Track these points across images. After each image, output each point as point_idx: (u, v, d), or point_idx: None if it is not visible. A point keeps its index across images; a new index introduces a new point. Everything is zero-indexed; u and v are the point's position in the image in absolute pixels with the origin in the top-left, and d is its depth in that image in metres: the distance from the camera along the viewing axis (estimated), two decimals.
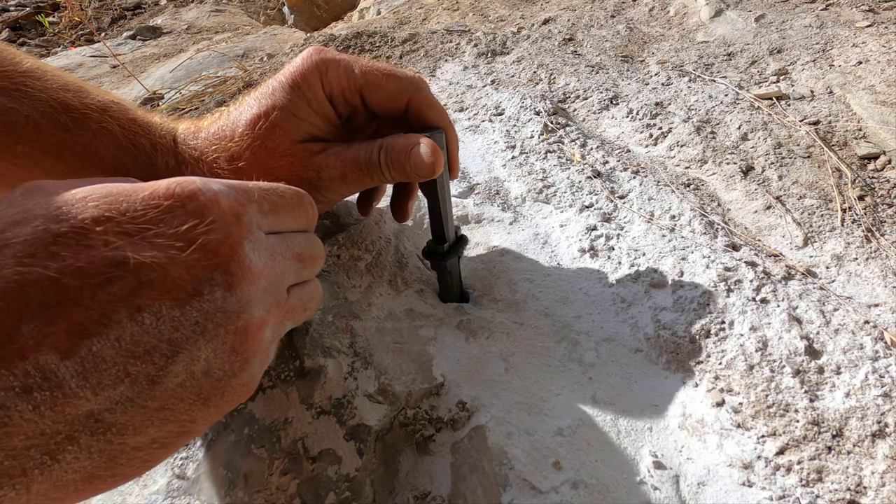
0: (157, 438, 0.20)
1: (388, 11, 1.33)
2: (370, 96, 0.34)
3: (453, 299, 0.44)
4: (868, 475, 0.31)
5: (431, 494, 0.32)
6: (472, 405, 0.35)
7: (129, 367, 0.19)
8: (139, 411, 0.19)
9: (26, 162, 0.31)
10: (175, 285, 0.20)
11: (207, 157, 0.34)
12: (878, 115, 0.62)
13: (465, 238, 0.42)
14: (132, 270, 0.19)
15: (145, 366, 0.19)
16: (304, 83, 0.33)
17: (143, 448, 0.20)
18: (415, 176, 0.33)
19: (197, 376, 0.21)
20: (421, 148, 0.32)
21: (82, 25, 1.91)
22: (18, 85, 0.32)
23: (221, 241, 0.21)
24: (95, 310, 0.18)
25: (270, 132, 0.32)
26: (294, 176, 0.33)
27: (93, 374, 0.18)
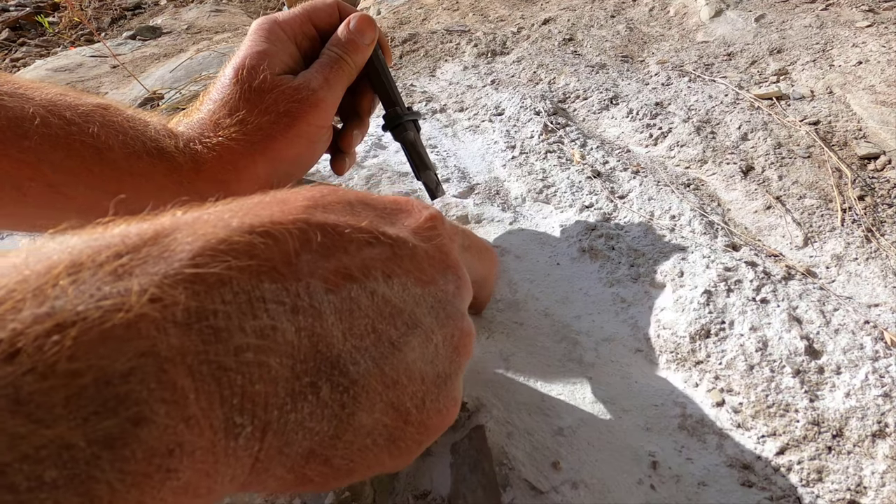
0: (374, 431, 0.20)
1: (388, 11, 1.33)
2: (318, 18, 0.41)
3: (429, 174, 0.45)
4: (868, 475, 0.31)
5: (431, 494, 0.32)
6: (472, 405, 0.35)
7: (377, 324, 0.20)
8: (377, 376, 0.19)
9: (33, 157, 0.31)
10: (419, 266, 0.22)
11: (210, 124, 0.37)
12: (878, 115, 0.62)
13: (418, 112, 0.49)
14: (388, 242, 0.21)
15: (389, 328, 0.20)
16: (263, 32, 0.38)
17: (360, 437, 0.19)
18: (361, 38, 0.39)
19: (427, 360, 0.22)
20: (351, 18, 0.40)
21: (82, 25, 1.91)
22: (17, 89, 0.32)
23: (450, 247, 0.24)
24: (359, 261, 0.20)
25: (251, 74, 0.36)
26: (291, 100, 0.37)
27: (347, 317, 0.19)
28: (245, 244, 0.17)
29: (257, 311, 0.16)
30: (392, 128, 0.44)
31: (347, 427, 0.19)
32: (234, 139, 0.36)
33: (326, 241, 0.19)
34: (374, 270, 0.20)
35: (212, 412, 0.15)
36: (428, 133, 0.69)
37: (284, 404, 0.17)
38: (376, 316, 0.20)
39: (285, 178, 0.39)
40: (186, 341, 0.14)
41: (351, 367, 0.18)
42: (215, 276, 0.16)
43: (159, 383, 0.14)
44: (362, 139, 0.47)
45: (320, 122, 0.38)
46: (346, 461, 0.19)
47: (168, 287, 0.15)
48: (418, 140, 0.45)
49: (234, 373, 0.15)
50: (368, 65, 0.42)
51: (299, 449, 0.18)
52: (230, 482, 0.16)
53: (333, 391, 0.18)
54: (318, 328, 0.18)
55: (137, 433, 0.13)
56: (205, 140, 0.36)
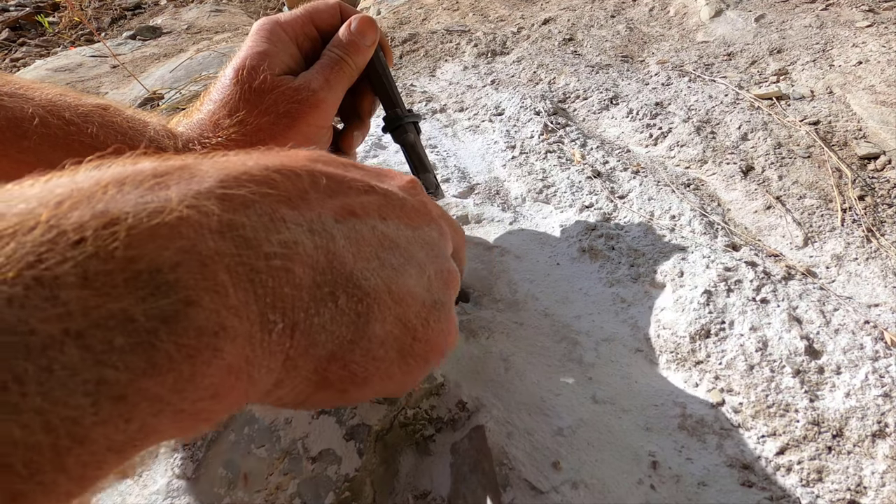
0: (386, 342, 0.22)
1: (388, 11, 1.33)
2: (319, 19, 0.41)
3: (428, 177, 0.45)
4: (868, 475, 0.31)
5: (431, 494, 0.32)
6: (472, 405, 0.35)
7: (380, 252, 0.23)
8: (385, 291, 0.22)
9: (32, 157, 0.31)
10: (407, 214, 0.25)
11: (210, 124, 0.37)
12: (878, 115, 0.62)
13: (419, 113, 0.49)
14: (381, 192, 0.24)
15: (390, 256, 0.23)
16: (264, 33, 0.38)
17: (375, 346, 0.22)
18: (362, 39, 0.40)
19: (424, 288, 0.25)
20: (352, 19, 0.41)
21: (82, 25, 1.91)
22: (17, 89, 0.32)
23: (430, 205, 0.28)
24: (359, 204, 0.23)
25: (251, 74, 0.37)
26: (292, 101, 0.37)
27: (354, 242, 0.22)
28: (263, 177, 0.19)
29: (280, 228, 0.19)
30: (392, 129, 0.44)
31: (363, 334, 0.21)
32: (233, 140, 0.36)
33: (331, 185, 0.22)
34: (372, 212, 0.23)
35: (248, 306, 0.17)
36: (428, 133, 0.69)
37: (309, 308, 0.19)
38: (378, 245, 0.23)
39: None
40: (222, 245, 0.17)
41: (363, 282, 0.21)
42: (241, 197, 0.18)
43: (203, 276, 0.16)
44: (363, 140, 0.47)
45: (320, 123, 0.38)
46: (362, 367, 0.22)
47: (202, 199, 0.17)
48: (418, 142, 0.45)
49: (265, 275, 0.18)
50: (369, 66, 0.42)
51: (323, 350, 0.20)
52: (267, 373, 0.18)
53: (349, 300, 0.21)
54: (332, 247, 0.20)
55: (188, 312, 0.15)
56: (204, 141, 0.36)
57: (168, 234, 0.15)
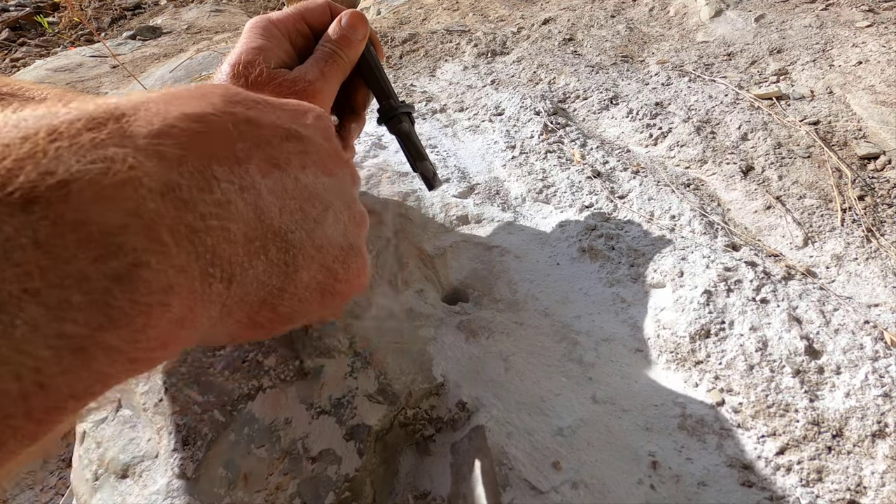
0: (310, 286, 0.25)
1: (388, 11, 1.33)
2: (311, 17, 0.42)
3: (425, 164, 0.45)
4: (868, 475, 0.31)
5: (431, 494, 0.32)
6: (472, 405, 0.35)
7: (302, 204, 0.24)
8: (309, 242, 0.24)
9: None
10: (323, 160, 0.26)
11: None
12: (878, 115, 0.62)
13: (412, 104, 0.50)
14: (300, 138, 0.25)
15: (311, 208, 0.25)
16: (258, 30, 0.39)
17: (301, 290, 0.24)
18: (353, 33, 0.41)
19: (340, 232, 0.27)
20: (343, 14, 0.42)
21: (82, 25, 1.91)
22: (17, 90, 0.33)
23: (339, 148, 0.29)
24: (281, 154, 0.24)
25: (248, 68, 0.38)
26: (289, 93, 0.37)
27: (279, 197, 0.23)
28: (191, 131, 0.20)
29: (213, 188, 0.19)
30: (386, 120, 0.45)
31: (290, 281, 0.23)
32: None
33: (254, 133, 0.23)
34: (293, 162, 0.24)
35: (190, 264, 0.18)
36: (428, 133, 0.69)
37: (243, 262, 0.21)
38: (300, 198, 0.24)
39: None
40: (162, 207, 0.17)
41: (289, 235, 0.23)
42: (175, 155, 0.18)
43: (148, 238, 0.17)
44: (360, 133, 0.48)
45: None
46: (289, 309, 0.24)
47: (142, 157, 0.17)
48: (413, 131, 0.46)
49: (204, 234, 0.19)
50: (361, 60, 0.43)
51: (255, 298, 0.22)
52: (206, 321, 0.20)
53: (278, 252, 0.22)
54: (260, 203, 0.22)
55: (139, 273, 0.16)
56: None
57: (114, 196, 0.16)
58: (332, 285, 0.26)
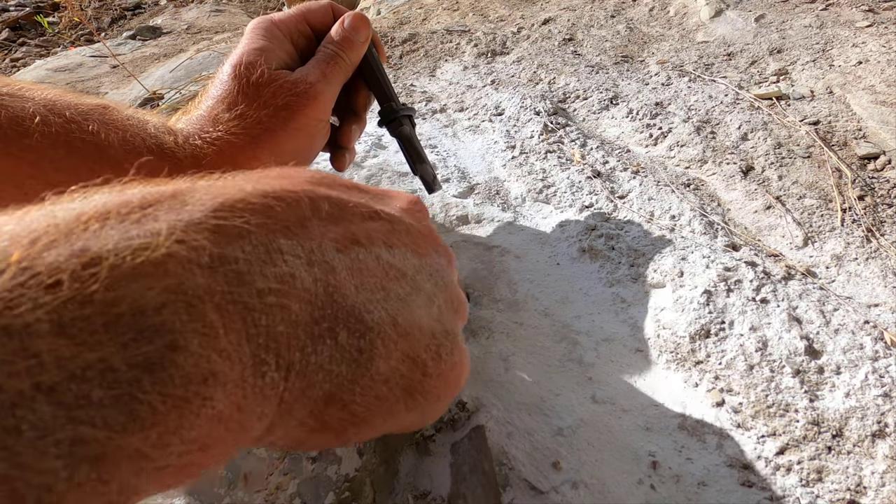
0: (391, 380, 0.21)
1: (388, 11, 1.33)
2: (313, 18, 0.42)
3: (426, 168, 0.45)
4: (868, 475, 0.31)
5: (431, 494, 0.32)
6: (472, 405, 0.35)
7: (385, 283, 0.21)
8: (390, 325, 0.21)
9: (33, 156, 0.31)
10: (414, 241, 0.24)
11: (209, 119, 0.37)
12: (878, 115, 0.62)
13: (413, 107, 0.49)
14: (386, 218, 0.23)
15: (395, 286, 0.22)
16: (260, 31, 0.39)
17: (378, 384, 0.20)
18: (356, 35, 0.41)
19: (433, 318, 0.23)
20: (345, 16, 0.42)
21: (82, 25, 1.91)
22: (17, 90, 0.32)
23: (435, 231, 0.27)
24: (363, 231, 0.22)
25: (249, 69, 0.37)
26: (290, 94, 0.37)
27: (357, 273, 0.20)
28: (261, 205, 0.18)
29: (276, 261, 0.17)
30: (387, 123, 0.45)
31: (365, 372, 0.20)
32: (233, 133, 0.36)
33: (333, 211, 0.21)
34: (377, 240, 0.22)
35: (240, 348, 0.16)
36: (428, 133, 0.69)
37: (305, 346, 0.18)
38: (383, 276, 0.21)
39: None
40: (212, 282, 0.15)
41: (366, 315, 0.20)
42: (235, 228, 0.17)
43: (190, 316, 0.14)
44: (360, 134, 0.48)
45: (318, 116, 0.39)
46: (364, 408, 0.20)
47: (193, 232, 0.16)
48: (413, 134, 0.46)
49: (259, 313, 0.16)
50: (363, 62, 0.43)
51: (320, 392, 0.19)
52: (258, 420, 0.17)
53: (350, 336, 0.19)
54: (332, 280, 0.19)
55: (174, 359, 0.14)
56: (204, 135, 0.36)
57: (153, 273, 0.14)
58: (419, 381, 0.22)
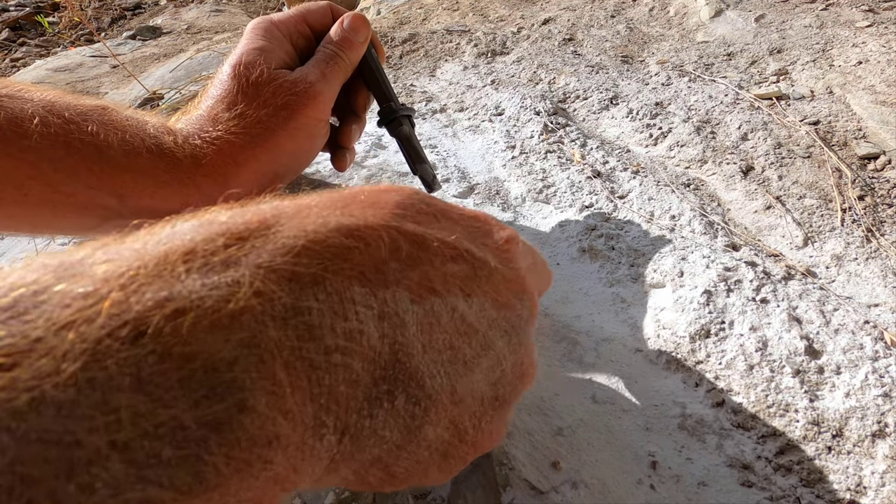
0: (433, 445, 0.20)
1: (388, 11, 1.33)
2: (312, 19, 0.42)
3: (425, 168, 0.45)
4: (868, 475, 0.31)
5: (431, 495, 0.32)
6: None
7: (454, 341, 0.20)
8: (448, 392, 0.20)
9: (33, 157, 0.31)
10: (497, 288, 0.22)
11: (209, 119, 0.37)
12: (878, 115, 0.62)
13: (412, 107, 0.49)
14: (470, 260, 0.21)
15: (465, 346, 0.20)
16: (259, 31, 0.39)
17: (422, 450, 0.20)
18: (355, 35, 0.40)
19: (490, 382, 0.22)
20: (345, 17, 0.41)
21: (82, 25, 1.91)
22: (16, 91, 0.33)
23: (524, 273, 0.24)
24: (441, 276, 0.20)
25: (249, 69, 0.37)
26: (289, 93, 0.37)
27: (427, 330, 0.19)
28: (341, 247, 0.17)
29: (348, 313, 0.17)
30: (387, 123, 0.45)
31: (413, 438, 0.19)
32: (233, 133, 0.36)
33: (414, 252, 0.19)
34: (455, 287, 0.20)
35: (304, 408, 0.15)
36: (428, 133, 0.69)
37: (362, 409, 0.17)
38: (454, 332, 0.20)
39: (285, 172, 0.40)
40: (283, 335, 0.15)
41: (427, 381, 0.19)
42: (311, 275, 0.16)
43: (260, 373, 0.14)
44: (360, 135, 0.48)
45: (318, 115, 0.39)
46: (404, 470, 0.20)
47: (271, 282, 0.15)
48: (413, 134, 0.46)
49: (323, 372, 0.16)
50: (362, 62, 0.43)
51: (368, 455, 0.18)
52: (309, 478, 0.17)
53: (408, 402, 0.18)
54: (400, 337, 0.18)
55: (242, 420, 0.13)
56: (204, 135, 0.36)
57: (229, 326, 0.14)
58: (455, 447, 0.21)
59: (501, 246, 0.24)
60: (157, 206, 0.35)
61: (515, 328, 0.23)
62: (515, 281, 0.23)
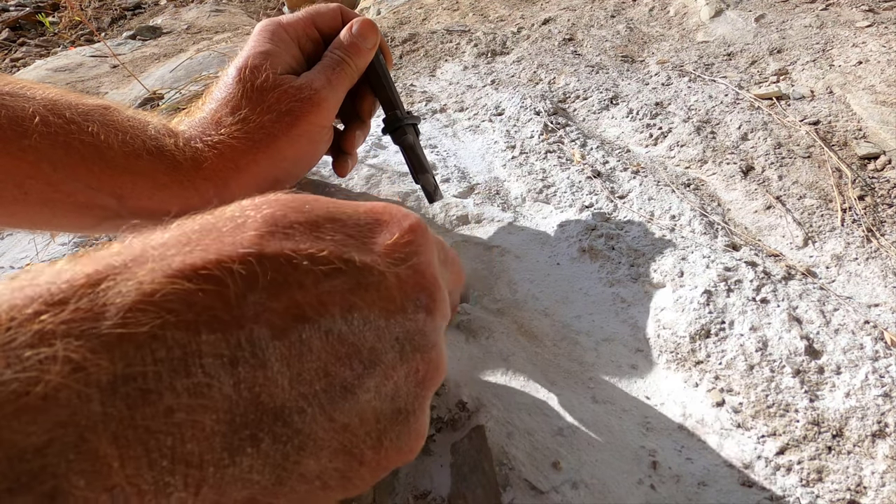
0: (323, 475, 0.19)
1: (388, 11, 1.33)
2: (321, 22, 0.41)
3: (427, 178, 0.45)
4: (868, 475, 0.31)
5: (431, 494, 0.32)
6: (472, 405, 0.35)
7: (330, 367, 0.18)
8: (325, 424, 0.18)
9: (33, 156, 0.31)
10: (386, 295, 0.20)
11: (212, 122, 0.37)
12: (878, 115, 0.62)
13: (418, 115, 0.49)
14: (355, 270, 0.19)
15: (344, 370, 0.19)
16: (266, 34, 0.38)
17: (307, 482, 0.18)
18: (364, 42, 0.40)
19: (384, 398, 0.20)
20: (354, 22, 0.41)
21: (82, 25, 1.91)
22: (18, 89, 0.32)
23: (427, 265, 0.22)
24: (315, 297, 0.18)
25: (254, 73, 0.37)
26: (294, 100, 0.37)
27: (295, 363, 0.17)
28: (183, 293, 0.16)
29: (191, 368, 0.15)
30: (392, 131, 0.45)
31: (291, 475, 0.18)
32: (235, 137, 0.36)
33: (278, 278, 0.18)
34: (332, 306, 0.19)
35: (139, 477, 0.14)
36: (428, 133, 0.69)
37: (221, 459, 0.16)
38: (329, 358, 0.18)
39: (286, 177, 0.40)
40: (110, 408, 0.14)
41: (296, 417, 0.17)
42: (146, 332, 0.15)
43: (78, 454, 0.13)
44: (364, 140, 0.47)
45: (322, 122, 0.39)
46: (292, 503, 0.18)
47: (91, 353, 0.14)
48: (417, 144, 0.46)
49: (164, 434, 0.15)
50: (369, 68, 0.43)
51: (239, 497, 0.17)
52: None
53: (275, 443, 0.17)
54: (260, 378, 0.17)
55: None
56: (206, 138, 0.36)
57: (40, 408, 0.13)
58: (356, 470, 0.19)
59: (398, 241, 0.22)
60: (156, 207, 0.35)
61: (410, 334, 0.21)
62: (411, 281, 0.22)
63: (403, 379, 0.21)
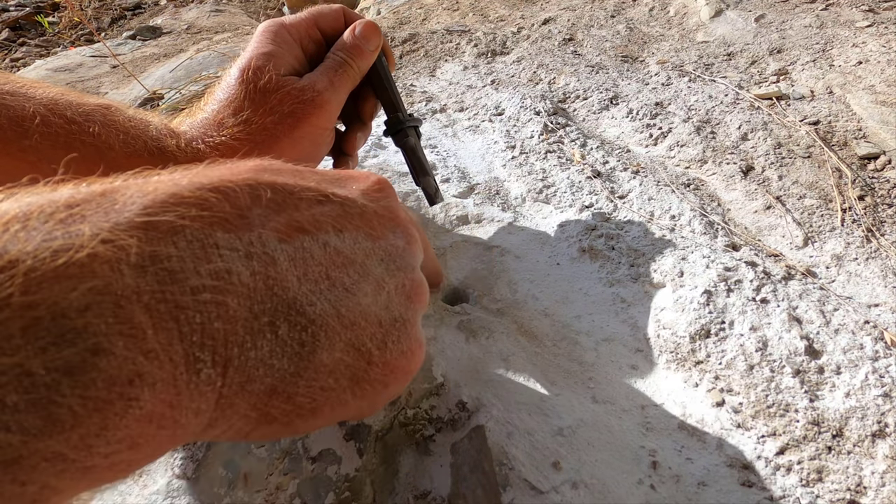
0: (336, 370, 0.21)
1: (388, 11, 1.33)
2: (324, 23, 0.41)
3: (428, 180, 0.45)
4: (868, 475, 0.31)
5: (431, 494, 0.32)
6: (472, 405, 0.35)
7: (330, 271, 0.21)
8: (334, 316, 0.20)
9: (33, 156, 0.31)
10: (368, 223, 0.24)
11: (214, 123, 0.37)
12: (878, 115, 0.62)
13: (419, 118, 0.49)
14: (337, 201, 0.23)
15: (342, 275, 0.21)
16: (269, 34, 0.38)
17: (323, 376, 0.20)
18: (366, 44, 0.40)
19: (381, 306, 0.23)
20: (357, 24, 0.41)
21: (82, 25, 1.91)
22: (19, 88, 0.32)
23: (397, 208, 0.26)
24: (310, 216, 0.21)
25: (257, 74, 0.37)
26: (296, 101, 0.37)
27: (301, 264, 0.20)
28: (196, 198, 0.18)
29: (211, 256, 0.17)
30: (394, 133, 0.45)
31: (308, 364, 0.20)
32: (237, 139, 0.36)
33: (276, 198, 0.20)
34: (325, 225, 0.21)
35: (171, 347, 0.16)
36: (428, 133, 0.69)
37: (244, 342, 0.18)
38: (329, 264, 0.21)
39: None
40: (142, 282, 0.15)
41: (308, 308, 0.19)
42: (168, 223, 0.16)
43: (116, 318, 0.14)
44: (365, 142, 0.47)
45: (324, 124, 0.39)
46: (309, 399, 0.20)
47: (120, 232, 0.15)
48: (419, 146, 0.46)
49: (192, 311, 0.16)
50: (372, 70, 0.42)
51: (261, 385, 0.18)
52: (195, 416, 0.17)
53: (292, 329, 0.19)
54: (272, 272, 0.19)
55: (96, 362, 0.14)
56: (207, 139, 0.36)
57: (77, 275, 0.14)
58: (365, 370, 0.22)
59: (370, 188, 0.25)
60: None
61: (392, 255, 0.24)
62: (387, 216, 0.25)
63: (394, 291, 0.24)
